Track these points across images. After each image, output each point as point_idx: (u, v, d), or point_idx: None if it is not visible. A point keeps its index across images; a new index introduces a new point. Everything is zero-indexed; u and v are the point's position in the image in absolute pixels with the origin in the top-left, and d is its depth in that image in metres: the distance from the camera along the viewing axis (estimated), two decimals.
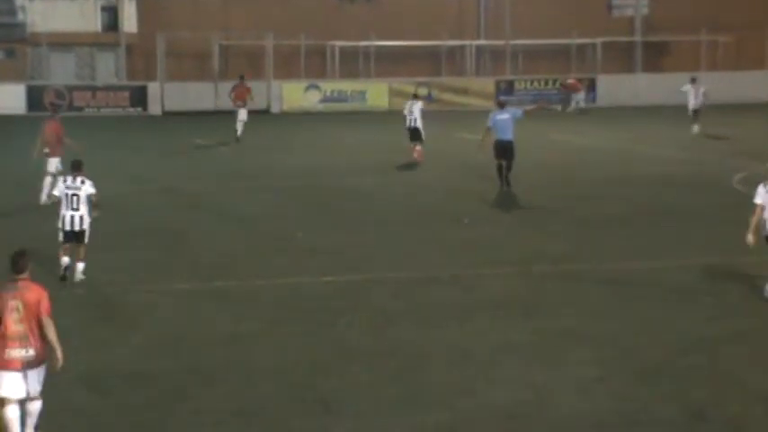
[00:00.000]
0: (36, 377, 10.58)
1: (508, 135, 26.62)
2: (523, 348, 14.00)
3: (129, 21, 51.99)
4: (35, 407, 10.73)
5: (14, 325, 10.44)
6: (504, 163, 26.62)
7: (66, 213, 17.23)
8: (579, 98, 51.29)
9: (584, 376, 12.89)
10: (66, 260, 17.39)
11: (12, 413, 10.57)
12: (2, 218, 23.22)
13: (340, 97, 51.89)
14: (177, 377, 12.87)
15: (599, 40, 54.69)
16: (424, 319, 15.33)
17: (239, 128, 37.87)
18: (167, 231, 21.89)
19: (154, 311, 15.75)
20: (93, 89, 50.38)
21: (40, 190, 24.06)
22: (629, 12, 56.90)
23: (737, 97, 51.20)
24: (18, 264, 10.69)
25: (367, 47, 53.04)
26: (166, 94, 50.15)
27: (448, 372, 13.12)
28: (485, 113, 30.94)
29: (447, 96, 52.53)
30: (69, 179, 17.50)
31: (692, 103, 40.02)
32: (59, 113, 27.67)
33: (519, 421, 11.58)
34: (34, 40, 50.97)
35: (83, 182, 17.37)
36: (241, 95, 38.34)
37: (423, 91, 52.81)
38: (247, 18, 52.03)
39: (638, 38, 56.58)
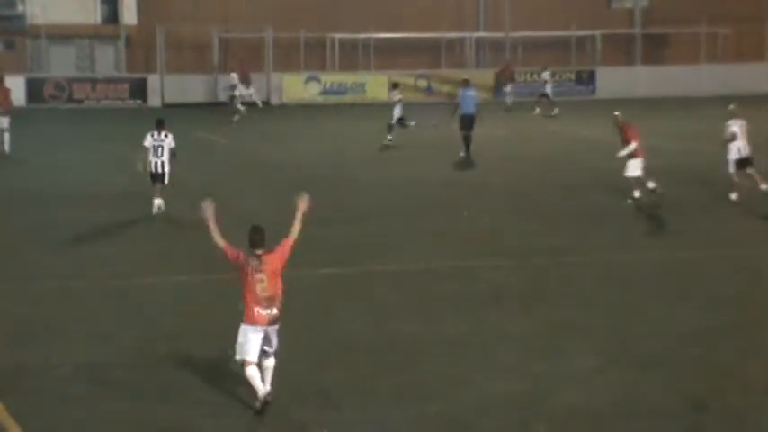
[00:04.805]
0: (275, 333, 11.80)
1: (471, 109, 31.01)
2: (522, 339, 14.04)
3: (129, 13, 51.83)
4: (270, 363, 11.82)
5: (261, 292, 11.73)
6: (466, 134, 30.69)
7: (153, 160, 22.05)
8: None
9: (584, 367, 12.92)
10: (157, 202, 22.06)
11: (252, 371, 11.63)
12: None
13: (340, 89, 51.86)
14: (177, 368, 12.90)
15: (598, 32, 54.61)
16: (423, 311, 15.36)
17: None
18: (167, 223, 21.91)
19: (154, 303, 15.78)
20: (93, 81, 50.31)
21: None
22: (629, 4, 56.78)
23: (737, 89, 51.16)
24: (254, 240, 11.94)
25: (366, 39, 52.99)
26: (166, 87, 50.08)
27: (447, 363, 13.15)
28: (484, 106, 31.10)
29: (447, 88, 52.47)
30: (155, 133, 22.17)
31: (549, 89, 45.50)
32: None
33: (518, 411, 11.61)
34: (34, 33, 50.85)
35: (166, 135, 22.21)
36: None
37: (422, 83, 53.21)
38: (247, 10, 51.93)
39: (637, 30, 56.52)
